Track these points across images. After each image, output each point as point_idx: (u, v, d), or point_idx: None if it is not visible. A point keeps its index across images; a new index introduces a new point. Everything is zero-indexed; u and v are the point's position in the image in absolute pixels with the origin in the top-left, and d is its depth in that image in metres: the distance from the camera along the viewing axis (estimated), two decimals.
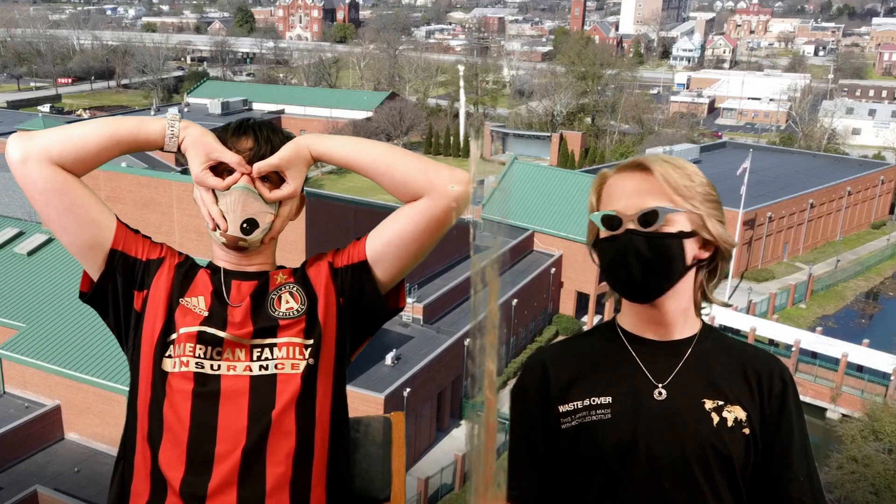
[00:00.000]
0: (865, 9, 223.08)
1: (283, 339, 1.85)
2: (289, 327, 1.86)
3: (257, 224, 1.86)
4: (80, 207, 1.84)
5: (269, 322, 1.85)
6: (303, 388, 1.82)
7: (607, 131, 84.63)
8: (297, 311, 1.88)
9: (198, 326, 1.83)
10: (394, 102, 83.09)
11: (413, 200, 1.88)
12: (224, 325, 1.85)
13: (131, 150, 1.88)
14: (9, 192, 41.40)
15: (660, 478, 1.73)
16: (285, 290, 1.91)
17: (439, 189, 1.83)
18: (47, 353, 26.61)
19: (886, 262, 57.13)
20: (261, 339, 1.84)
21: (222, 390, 1.79)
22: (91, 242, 1.86)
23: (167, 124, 1.86)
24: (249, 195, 1.85)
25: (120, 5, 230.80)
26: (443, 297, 35.77)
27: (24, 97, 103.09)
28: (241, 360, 1.83)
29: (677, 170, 1.79)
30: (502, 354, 31.36)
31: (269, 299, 1.89)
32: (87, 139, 1.83)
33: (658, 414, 1.76)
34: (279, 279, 1.93)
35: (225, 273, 1.93)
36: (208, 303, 1.88)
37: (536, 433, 1.85)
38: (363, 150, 1.90)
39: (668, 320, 1.82)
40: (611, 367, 1.83)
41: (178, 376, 1.80)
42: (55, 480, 23.96)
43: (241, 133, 1.90)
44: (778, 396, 1.79)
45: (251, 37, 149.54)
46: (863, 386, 37.09)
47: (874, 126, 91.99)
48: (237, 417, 1.77)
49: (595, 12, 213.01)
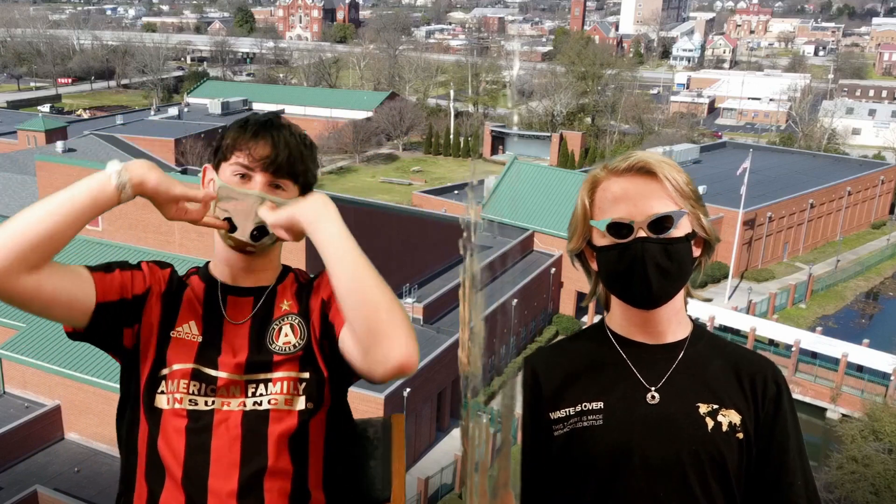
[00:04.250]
0: (865, 9, 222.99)
1: (278, 374, 1.83)
2: (284, 362, 1.84)
3: (267, 231, 1.82)
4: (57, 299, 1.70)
5: (264, 356, 1.83)
6: (298, 424, 1.81)
7: (607, 131, 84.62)
8: (294, 346, 1.86)
9: (192, 364, 1.81)
10: (394, 102, 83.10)
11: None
12: (218, 353, 1.82)
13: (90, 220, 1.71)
14: (9, 192, 41.38)
15: (654, 483, 1.70)
16: (287, 321, 1.88)
17: (380, 362, 1.64)
18: (47, 353, 26.61)
19: (886, 262, 57.10)
20: (255, 375, 1.82)
21: (215, 425, 1.77)
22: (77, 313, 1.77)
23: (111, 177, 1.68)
24: (263, 203, 1.81)
25: (120, 5, 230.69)
26: (443, 297, 35.76)
27: (24, 97, 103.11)
28: (235, 396, 1.81)
29: (678, 171, 1.75)
30: (501, 354, 31.10)
31: (269, 330, 1.86)
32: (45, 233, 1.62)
33: (651, 418, 1.72)
34: (284, 307, 1.89)
35: (222, 288, 1.90)
36: (201, 327, 1.85)
37: (528, 441, 1.83)
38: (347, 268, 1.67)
39: (661, 323, 1.79)
40: (602, 371, 1.79)
41: (171, 413, 1.79)
42: (55, 480, 23.97)
43: (258, 137, 1.82)
44: (773, 400, 1.76)
45: (251, 37, 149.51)
46: (863, 386, 37.07)
47: (874, 126, 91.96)
48: (230, 452, 1.76)
49: (595, 12, 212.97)
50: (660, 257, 1.69)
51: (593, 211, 1.78)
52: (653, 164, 1.73)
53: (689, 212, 1.73)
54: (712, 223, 1.79)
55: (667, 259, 1.70)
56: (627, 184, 1.73)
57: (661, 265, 1.69)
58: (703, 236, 1.78)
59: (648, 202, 1.70)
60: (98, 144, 57.44)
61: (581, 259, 1.87)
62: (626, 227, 1.70)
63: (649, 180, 1.72)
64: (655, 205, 1.70)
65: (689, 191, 1.74)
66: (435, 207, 49.91)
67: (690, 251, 1.74)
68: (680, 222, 1.71)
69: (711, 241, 1.79)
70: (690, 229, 1.74)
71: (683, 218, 1.72)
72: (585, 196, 1.80)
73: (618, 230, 1.71)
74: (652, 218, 1.69)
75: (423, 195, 55.46)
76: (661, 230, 1.70)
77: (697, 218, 1.76)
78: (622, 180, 1.74)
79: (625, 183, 1.74)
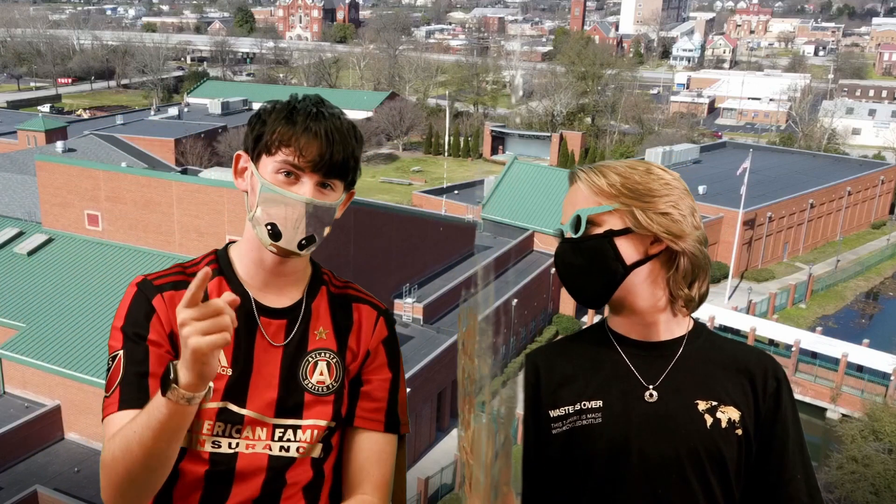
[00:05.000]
0: (865, 9, 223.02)
1: (308, 422, 1.73)
2: (315, 404, 1.74)
3: (315, 240, 1.70)
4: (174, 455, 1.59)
5: (296, 396, 1.72)
6: (313, 473, 1.76)
7: (607, 131, 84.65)
8: (327, 388, 1.76)
9: (219, 403, 1.68)
10: (394, 102, 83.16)
11: None
12: (247, 387, 1.70)
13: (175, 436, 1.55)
14: (9, 192, 41.37)
15: (653, 481, 1.71)
16: (323, 357, 1.77)
17: None
18: (47, 353, 26.60)
19: (886, 262, 57.12)
20: (284, 419, 1.72)
21: (237, 470, 1.69)
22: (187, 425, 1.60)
23: (179, 398, 1.48)
24: (316, 210, 1.68)
25: (120, 5, 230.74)
26: (443, 297, 35.78)
27: (24, 97, 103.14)
28: (261, 438, 1.70)
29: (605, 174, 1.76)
30: (501, 355, 31.42)
31: (303, 362, 1.75)
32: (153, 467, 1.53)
33: (650, 416, 1.73)
34: (319, 335, 1.78)
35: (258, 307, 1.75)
36: (231, 355, 1.71)
37: (529, 439, 1.83)
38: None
39: (647, 320, 1.78)
40: (601, 370, 1.80)
41: (193, 454, 1.68)
42: (55, 480, 23.95)
43: (309, 133, 1.66)
44: (772, 395, 1.77)
45: (251, 37, 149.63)
46: (863, 386, 37.08)
47: (874, 126, 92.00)
48: (250, 496, 1.69)
49: (595, 12, 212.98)
50: (570, 256, 1.75)
51: None
52: (577, 171, 1.82)
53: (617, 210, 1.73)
54: (672, 219, 1.73)
55: (575, 255, 1.74)
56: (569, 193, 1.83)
57: (572, 263, 1.75)
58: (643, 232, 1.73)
59: (569, 210, 1.79)
60: (98, 144, 57.41)
61: None
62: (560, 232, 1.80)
63: (574, 187, 1.81)
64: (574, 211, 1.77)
65: (619, 190, 1.73)
66: (435, 207, 49.93)
67: (612, 248, 1.72)
68: (598, 220, 1.74)
69: (661, 237, 1.72)
70: (620, 226, 1.73)
71: (606, 216, 1.73)
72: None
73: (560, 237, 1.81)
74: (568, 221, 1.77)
75: (423, 195, 55.47)
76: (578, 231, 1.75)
77: (632, 214, 1.73)
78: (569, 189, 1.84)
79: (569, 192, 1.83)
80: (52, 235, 32.60)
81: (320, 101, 1.72)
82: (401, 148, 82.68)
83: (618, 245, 1.73)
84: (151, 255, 30.17)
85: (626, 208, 1.73)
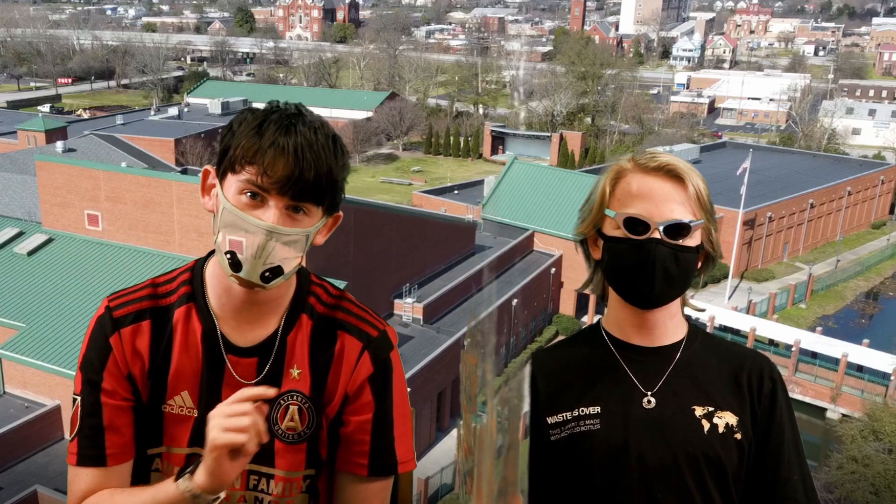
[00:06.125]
0: (865, 9, 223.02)
1: (281, 472, 1.62)
2: (286, 453, 1.62)
3: (281, 271, 1.51)
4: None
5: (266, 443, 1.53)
6: None
7: (607, 131, 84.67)
8: (297, 437, 1.62)
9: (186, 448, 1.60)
10: (394, 102, 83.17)
11: None
12: None
13: None
14: (9, 192, 41.37)
15: (651, 487, 1.71)
16: (294, 401, 1.62)
17: None
18: (47, 353, 26.59)
19: (886, 262, 57.12)
20: (258, 466, 1.61)
21: None
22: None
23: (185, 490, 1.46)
24: (279, 240, 1.48)
25: (120, 5, 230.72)
26: (443, 297, 35.77)
27: (24, 97, 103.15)
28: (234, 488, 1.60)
29: (703, 182, 1.75)
30: (501, 355, 31.04)
31: (275, 405, 1.60)
32: None
33: (648, 422, 1.73)
34: (293, 374, 1.62)
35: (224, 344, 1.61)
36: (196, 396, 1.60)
37: (531, 443, 1.83)
38: None
39: (657, 326, 1.79)
40: (598, 375, 1.80)
41: None
42: (55, 480, 23.93)
43: (277, 148, 1.44)
44: (768, 395, 1.77)
45: (251, 37, 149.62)
46: (863, 386, 37.08)
47: (874, 126, 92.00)
48: None
49: (595, 12, 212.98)
50: (669, 262, 1.69)
51: (612, 201, 1.76)
52: (682, 169, 1.73)
53: (703, 224, 1.74)
54: (718, 238, 1.80)
55: (675, 265, 1.70)
56: (653, 183, 1.72)
57: (669, 270, 1.69)
58: (710, 251, 1.78)
59: (669, 206, 1.70)
60: (98, 144, 57.42)
61: (584, 245, 1.86)
62: (643, 224, 1.70)
63: (675, 184, 1.72)
64: (676, 210, 1.70)
65: (709, 204, 1.76)
66: (435, 207, 49.92)
67: (696, 262, 1.75)
68: (694, 233, 1.72)
69: (715, 257, 1.80)
70: (700, 241, 1.75)
71: (698, 229, 1.74)
72: (607, 184, 1.78)
73: (634, 226, 1.70)
74: (670, 222, 1.69)
75: (423, 195, 55.47)
76: (675, 236, 1.70)
77: (708, 232, 1.76)
78: (648, 178, 1.73)
79: (650, 181, 1.72)
80: (52, 235, 32.60)
81: (297, 112, 1.50)
82: (401, 148, 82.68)
83: None
84: (151, 255, 30.18)
85: (707, 225, 1.75)
